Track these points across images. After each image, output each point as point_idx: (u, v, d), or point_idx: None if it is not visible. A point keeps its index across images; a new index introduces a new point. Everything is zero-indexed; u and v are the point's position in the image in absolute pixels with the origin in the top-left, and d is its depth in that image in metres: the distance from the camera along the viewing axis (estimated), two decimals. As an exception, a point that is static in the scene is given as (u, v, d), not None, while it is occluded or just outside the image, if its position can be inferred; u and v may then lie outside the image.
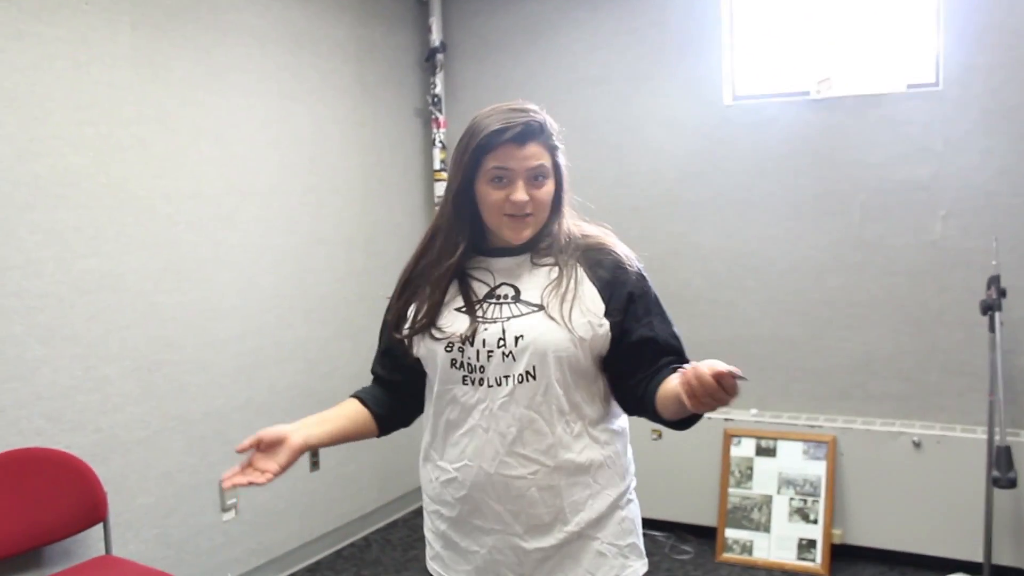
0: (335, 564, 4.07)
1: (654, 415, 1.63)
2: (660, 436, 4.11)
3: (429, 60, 4.68)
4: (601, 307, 1.66)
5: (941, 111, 3.78)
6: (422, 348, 1.71)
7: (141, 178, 3.27)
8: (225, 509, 3.61)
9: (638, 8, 4.33)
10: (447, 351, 1.67)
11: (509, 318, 1.65)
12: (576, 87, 4.47)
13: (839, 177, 3.98)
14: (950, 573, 3.69)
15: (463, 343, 1.65)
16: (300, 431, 1.65)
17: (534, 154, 1.64)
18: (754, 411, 4.15)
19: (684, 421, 1.62)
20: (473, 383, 1.65)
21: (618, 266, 1.70)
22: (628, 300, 1.67)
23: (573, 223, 1.75)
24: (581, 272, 1.68)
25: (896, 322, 3.93)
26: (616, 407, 1.75)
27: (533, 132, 1.64)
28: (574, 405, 1.66)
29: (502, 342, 1.63)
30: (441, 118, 4.71)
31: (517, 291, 1.69)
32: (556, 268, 1.69)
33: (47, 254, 2.96)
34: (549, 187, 1.67)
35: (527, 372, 1.62)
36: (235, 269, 3.66)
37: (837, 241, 4.01)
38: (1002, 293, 3.48)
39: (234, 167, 3.65)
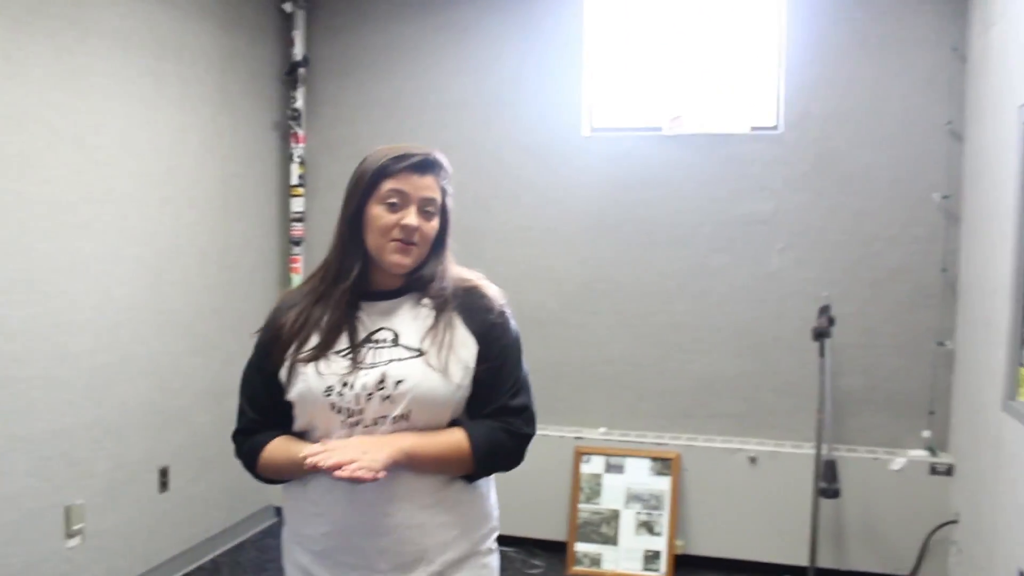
0: (182, 589, 3.91)
1: None
2: (514, 453, 4.20)
3: (290, 74, 4.61)
4: (474, 355, 1.70)
5: (781, 153, 4.13)
6: (300, 386, 1.68)
7: (-7, 181, 3.05)
8: (70, 535, 3.40)
9: (501, 36, 4.46)
10: (326, 395, 1.66)
11: (389, 361, 1.67)
12: (438, 109, 4.54)
13: (688, 209, 4.26)
14: (779, 577, 4.01)
15: (343, 387, 1.65)
16: None
17: (429, 186, 1.70)
18: (603, 429, 4.34)
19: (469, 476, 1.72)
20: (351, 426, 1.66)
21: (492, 313, 1.74)
22: (500, 352, 1.73)
23: (452, 267, 1.79)
24: (457, 319, 1.72)
25: (736, 346, 4.23)
26: None
27: (432, 166, 1.72)
28: None
29: (381, 385, 1.65)
30: (300, 133, 4.64)
31: (396, 335, 1.71)
32: (434, 313, 1.72)
33: None
34: (435, 224, 1.73)
35: (403, 415, 1.65)
36: (90, 280, 3.46)
37: (684, 269, 4.28)
38: (831, 321, 3.82)
39: (92, 173, 3.46)
